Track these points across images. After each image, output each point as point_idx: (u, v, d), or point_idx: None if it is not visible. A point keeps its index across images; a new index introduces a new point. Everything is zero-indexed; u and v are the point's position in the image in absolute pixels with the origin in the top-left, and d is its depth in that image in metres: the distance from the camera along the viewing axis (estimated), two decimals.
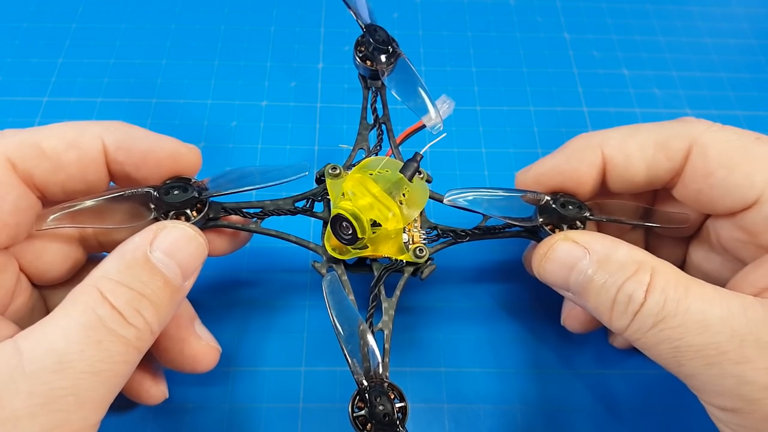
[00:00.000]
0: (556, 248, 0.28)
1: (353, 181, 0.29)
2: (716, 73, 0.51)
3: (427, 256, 0.30)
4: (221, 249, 0.33)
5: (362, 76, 0.34)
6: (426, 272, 0.31)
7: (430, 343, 0.37)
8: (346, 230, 0.28)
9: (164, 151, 0.28)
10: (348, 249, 0.30)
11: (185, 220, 0.28)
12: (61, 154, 0.26)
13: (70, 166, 0.27)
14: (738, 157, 0.28)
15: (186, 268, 0.25)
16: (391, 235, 0.30)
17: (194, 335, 0.30)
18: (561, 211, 0.30)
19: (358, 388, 0.26)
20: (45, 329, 0.22)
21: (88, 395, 0.22)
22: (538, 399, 0.35)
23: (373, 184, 0.29)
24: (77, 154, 0.27)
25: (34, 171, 0.26)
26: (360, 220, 0.28)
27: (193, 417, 0.34)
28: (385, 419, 0.25)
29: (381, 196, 0.28)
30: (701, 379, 0.24)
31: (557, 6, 0.55)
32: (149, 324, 0.24)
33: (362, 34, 0.33)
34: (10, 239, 0.26)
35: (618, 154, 0.30)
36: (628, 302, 0.25)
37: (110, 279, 0.23)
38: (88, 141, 0.27)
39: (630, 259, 0.26)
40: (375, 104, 0.34)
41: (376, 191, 0.28)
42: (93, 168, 0.27)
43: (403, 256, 0.30)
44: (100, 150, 0.27)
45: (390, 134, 0.34)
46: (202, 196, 0.29)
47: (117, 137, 0.28)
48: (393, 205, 0.28)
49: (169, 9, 0.52)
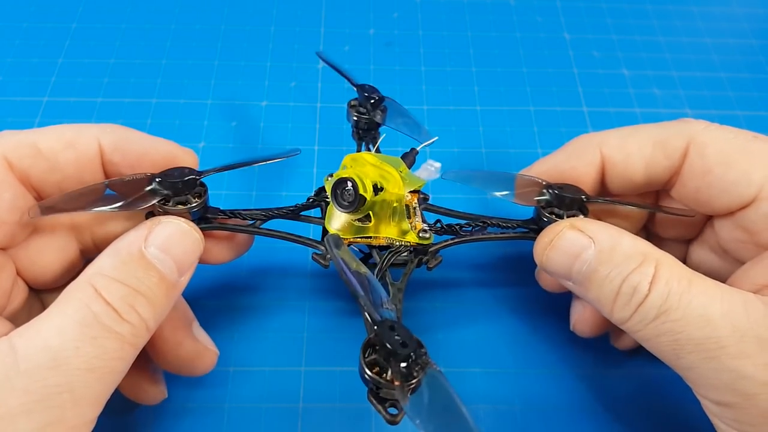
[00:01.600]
0: (561, 236, 0.27)
1: (349, 157, 0.30)
2: (716, 73, 0.51)
3: (431, 237, 0.30)
4: (221, 256, 0.32)
5: (356, 133, 0.36)
6: (433, 263, 0.31)
7: (430, 343, 0.36)
8: (348, 193, 0.28)
9: (159, 153, 0.29)
10: (351, 223, 0.29)
11: (185, 204, 0.28)
12: (58, 154, 0.26)
13: (67, 166, 0.27)
14: (735, 155, 0.28)
15: (182, 263, 0.25)
16: (393, 202, 0.30)
17: (191, 338, 0.30)
18: (559, 192, 0.30)
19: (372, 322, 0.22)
20: (39, 326, 0.22)
21: (84, 392, 0.22)
22: (538, 399, 0.35)
23: (372, 157, 0.30)
24: (74, 155, 0.27)
25: (31, 171, 0.26)
26: (361, 178, 0.28)
27: (192, 417, 0.33)
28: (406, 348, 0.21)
29: (381, 165, 0.29)
30: (699, 373, 0.24)
31: (557, 6, 0.55)
32: (145, 320, 0.24)
33: (357, 97, 0.35)
34: (8, 238, 0.26)
35: (617, 153, 0.30)
36: (633, 294, 0.25)
37: (105, 275, 0.23)
38: (84, 142, 0.27)
39: (635, 251, 0.26)
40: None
41: (374, 161, 0.29)
42: (89, 169, 0.28)
43: (408, 236, 0.30)
44: (97, 151, 0.27)
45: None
46: (201, 177, 0.28)
47: (113, 139, 0.28)
48: (392, 170, 0.29)
49: (169, 9, 0.52)
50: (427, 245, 0.31)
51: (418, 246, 0.31)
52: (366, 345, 0.22)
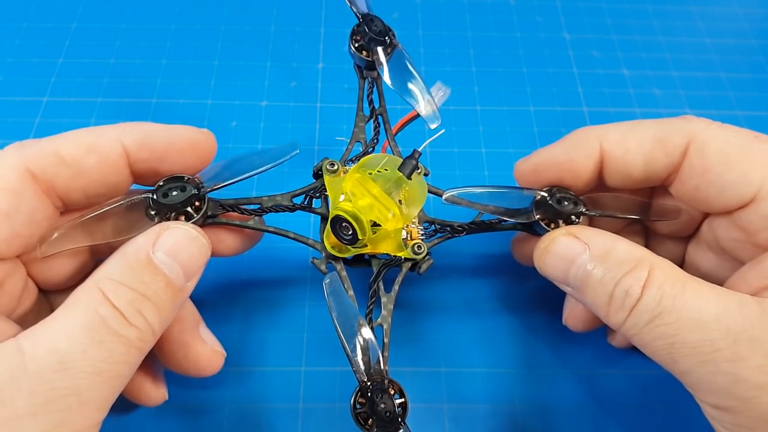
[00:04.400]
0: (556, 242, 0.28)
1: (352, 181, 0.29)
2: (716, 73, 0.51)
3: (425, 252, 0.31)
4: (234, 248, 0.32)
5: (358, 66, 0.34)
6: (424, 267, 0.31)
7: (430, 342, 0.37)
8: (346, 231, 0.28)
9: (184, 140, 0.29)
10: (347, 248, 0.30)
11: (186, 219, 0.28)
12: (80, 159, 0.26)
13: (91, 171, 0.27)
14: (736, 155, 0.28)
15: (188, 268, 0.26)
16: (391, 234, 0.30)
17: (199, 339, 0.30)
18: (557, 207, 0.30)
19: (360, 385, 0.26)
20: (47, 329, 0.22)
21: (90, 395, 0.22)
22: (538, 399, 0.35)
23: (372, 184, 0.29)
24: (97, 159, 0.27)
25: (56, 179, 0.26)
26: (360, 221, 0.28)
27: (193, 417, 0.34)
28: (387, 416, 0.25)
29: (381, 197, 0.28)
30: (695, 377, 0.24)
31: (557, 6, 0.55)
32: (151, 325, 0.24)
33: (358, 23, 0.32)
34: (23, 249, 0.26)
35: (616, 147, 0.30)
36: (625, 297, 0.25)
37: (112, 280, 0.24)
38: (106, 144, 0.27)
39: (629, 256, 0.26)
40: (371, 95, 0.34)
41: (376, 191, 0.28)
42: (114, 171, 0.28)
43: (402, 252, 0.31)
44: (120, 152, 0.27)
45: (387, 126, 0.34)
46: (200, 192, 0.29)
47: (136, 137, 0.28)
48: (393, 206, 0.28)
49: (169, 9, 0.52)
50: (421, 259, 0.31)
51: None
52: (355, 392, 0.27)
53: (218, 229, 0.31)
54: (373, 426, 0.25)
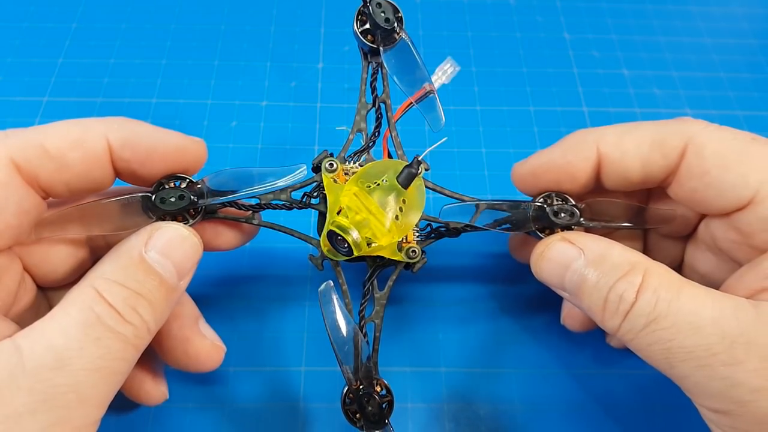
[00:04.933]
0: (552, 248, 0.28)
1: (350, 195, 0.29)
2: (716, 73, 0.51)
3: (419, 256, 0.31)
4: (232, 242, 0.32)
5: (362, 49, 0.32)
6: (417, 266, 0.31)
7: (429, 342, 0.37)
8: (341, 244, 0.29)
9: (169, 146, 0.28)
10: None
11: (182, 220, 0.28)
12: (65, 153, 0.26)
13: (75, 165, 0.27)
14: (733, 157, 0.27)
15: (181, 267, 0.26)
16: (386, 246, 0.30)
17: (198, 334, 0.31)
18: (554, 219, 0.30)
19: (347, 386, 0.28)
20: (44, 327, 0.22)
21: (89, 392, 0.22)
22: (538, 399, 0.35)
23: (370, 200, 0.28)
24: (82, 154, 0.26)
25: (39, 172, 0.26)
26: (356, 240, 0.28)
27: (193, 417, 0.34)
28: (373, 418, 0.28)
29: (378, 213, 0.28)
30: (693, 381, 0.24)
31: (557, 6, 0.55)
32: (146, 322, 0.24)
33: (364, 3, 0.31)
34: (13, 240, 0.26)
35: (614, 150, 0.30)
36: (619, 302, 0.25)
37: (106, 279, 0.24)
38: (92, 140, 0.27)
39: (623, 260, 0.26)
40: (375, 81, 0.33)
41: (373, 207, 0.28)
42: (98, 166, 0.27)
43: (397, 256, 0.31)
44: (105, 149, 0.27)
45: (389, 114, 0.33)
46: (198, 204, 0.28)
47: (121, 135, 0.27)
48: (389, 221, 0.28)
49: (169, 9, 0.52)
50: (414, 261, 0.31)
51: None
52: (344, 393, 0.29)
53: (216, 223, 0.31)
54: (361, 419, 0.28)
